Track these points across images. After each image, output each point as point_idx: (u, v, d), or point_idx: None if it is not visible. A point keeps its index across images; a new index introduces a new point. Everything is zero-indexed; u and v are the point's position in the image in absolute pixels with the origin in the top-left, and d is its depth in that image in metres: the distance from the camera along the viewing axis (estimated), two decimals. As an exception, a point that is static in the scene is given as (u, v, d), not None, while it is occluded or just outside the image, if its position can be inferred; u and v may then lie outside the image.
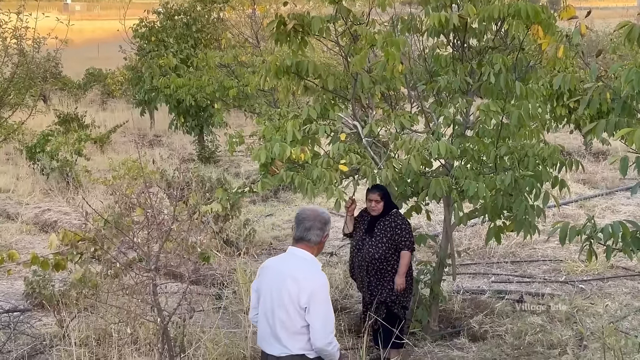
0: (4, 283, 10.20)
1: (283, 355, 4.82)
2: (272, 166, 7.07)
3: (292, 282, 4.77)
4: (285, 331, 4.79)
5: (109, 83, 31.12)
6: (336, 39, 7.61)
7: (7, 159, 19.82)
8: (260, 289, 4.98)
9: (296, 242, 5.01)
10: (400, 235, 7.33)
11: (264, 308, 4.91)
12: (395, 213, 7.48)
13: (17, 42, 11.66)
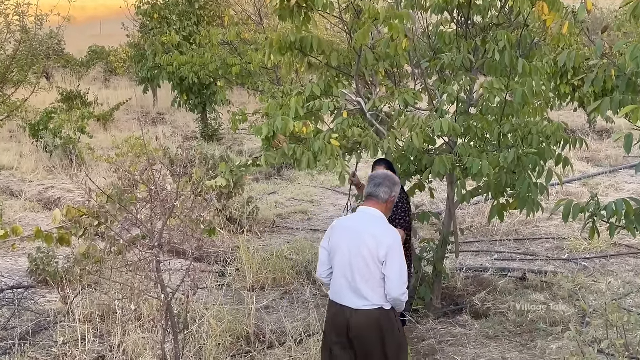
0: (7, 260, 10.24)
1: (363, 307, 5.08)
2: (275, 140, 7.05)
3: (370, 238, 5.07)
4: (365, 284, 5.06)
5: (112, 61, 31.13)
6: (340, 14, 7.55)
7: (10, 137, 19.84)
8: (335, 247, 5.22)
9: (367, 199, 5.30)
10: (395, 214, 7.15)
11: (340, 264, 5.16)
12: None
13: (20, 19, 11.61)
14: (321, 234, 11.32)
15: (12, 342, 7.13)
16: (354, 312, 5.11)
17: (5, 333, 7.56)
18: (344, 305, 5.15)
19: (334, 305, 5.24)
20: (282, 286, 9.01)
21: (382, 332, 5.12)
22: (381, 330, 5.12)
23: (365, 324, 5.10)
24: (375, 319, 5.10)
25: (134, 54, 22.10)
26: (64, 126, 16.74)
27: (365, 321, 5.10)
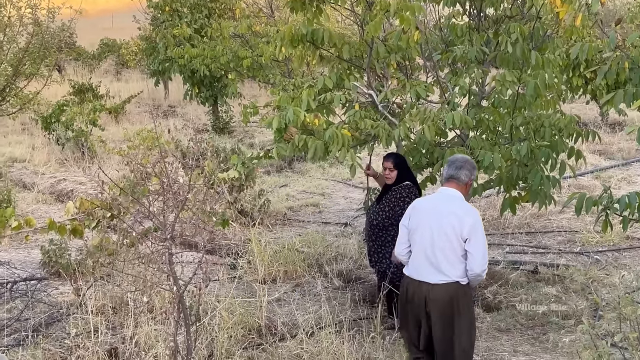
0: (20, 252, 10.29)
1: (441, 282, 5.38)
2: (287, 132, 7.06)
3: (454, 217, 5.37)
4: (446, 261, 5.37)
5: (123, 53, 31.20)
6: (351, 6, 7.54)
7: (22, 129, 19.91)
8: (416, 226, 5.52)
9: (447, 181, 5.59)
10: (401, 208, 7.11)
11: (421, 242, 5.46)
12: (406, 185, 7.33)
13: (32, 12, 11.64)
14: (332, 227, 11.34)
15: (25, 334, 7.17)
16: (432, 287, 5.40)
17: (19, 324, 7.60)
18: (422, 281, 5.44)
19: (412, 281, 5.52)
20: (294, 279, 9.02)
21: (458, 306, 5.41)
22: (458, 304, 5.41)
23: (443, 298, 5.38)
24: (452, 293, 5.39)
25: (145, 47, 22.10)
26: (76, 119, 16.79)
27: (443, 295, 5.38)
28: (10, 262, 9.56)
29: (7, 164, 16.21)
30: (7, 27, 11.50)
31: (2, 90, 11.55)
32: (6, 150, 17.36)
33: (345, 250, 9.81)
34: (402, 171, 7.35)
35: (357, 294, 8.28)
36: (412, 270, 5.57)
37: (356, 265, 9.38)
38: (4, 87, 11.52)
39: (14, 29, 11.76)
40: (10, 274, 9.07)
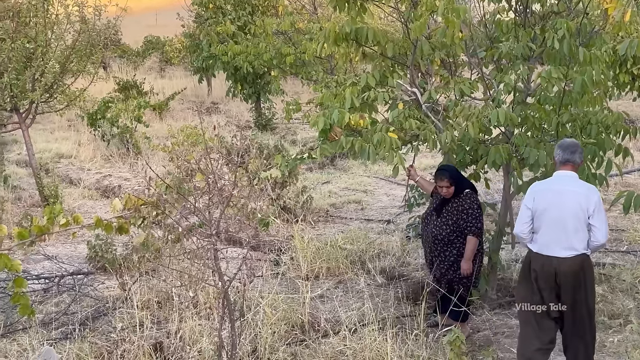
0: (67, 247, 10.45)
1: (570, 255, 5.88)
2: (331, 132, 7.07)
3: (580, 196, 5.86)
4: (575, 235, 5.86)
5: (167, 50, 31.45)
6: (396, 4, 7.51)
7: (69, 126, 20.22)
8: (543, 206, 5.96)
9: (562, 164, 6.04)
10: (466, 221, 7.11)
11: (550, 220, 5.92)
12: (466, 195, 7.20)
13: (79, 10, 11.78)
14: (375, 224, 11.33)
15: (72, 327, 7.30)
16: (562, 261, 5.89)
17: (66, 318, 7.73)
18: (551, 256, 5.93)
19: (541, 257, 5.99)
20: (336, 275, 9.03)
21: (585, 275, 5.97)
22: (584, 273, 5.96)
23: (572, 270, 5.90)
24: (580, 264, 5.91)
25: (189, 44, 22.27)
26: (121, 115, 17.00)
27: (572, 267, 5.89)
28: (58, 257, 9.74)
29: (54, 160, 16.48)
30: (55, 25, 11.64)
31: (50, 87, 11.69)
32: (53, 146, 17.65)
33: (388, 248, 9.80)
34: (458, 183, 7.25)
35: (400, 291, 8.28)
36: (540, 246, 6.00)
37: (399, 262, 9.37)
38: (52, 84, 11.66)
39: (62, 26, 11.91)
40: (58, 268, 9.23)
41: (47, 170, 14.66)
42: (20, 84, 11.33)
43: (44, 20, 11.39)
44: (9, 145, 17.62)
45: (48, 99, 12.02)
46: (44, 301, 8.27)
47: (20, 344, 6.96)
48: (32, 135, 12.66)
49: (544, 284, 5.99)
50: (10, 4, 11.38)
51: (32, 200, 12.75)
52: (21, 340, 7.02)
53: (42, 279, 8.82)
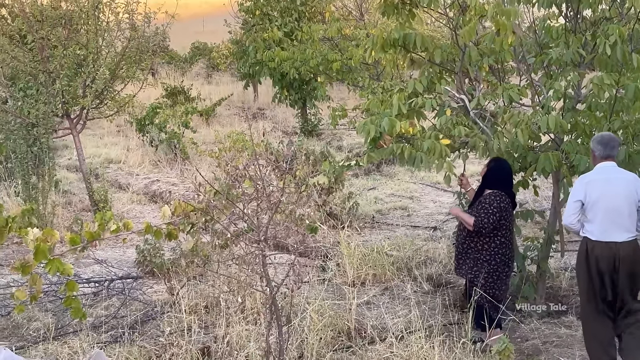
0: (116, 251, 10.60)
1: (627, 239, 6.27)
2: (381, 140, 7.06)
3: (627, 182, 6.29)
4: (629, 219, 6.26)
5: (214, 57, 31.71)
6: (444, 10, 7.48)
7: (118, 131, 20.51)
8: (597, 197, 6.28)
9: (604, 159, 6.38)
10: (478, 211, 7.02)
11: (606, 208, 6.26)
12: (492, 193, 7.11)
13: (129, 17, 11.95)
14: (422, 231, 11.29)
15: (121, 331, 7.38)
16: (620, 245, 6.24)
17: (115, 322, 7.83)
18: (609, 242, 6.26)
19: (599, 243, 6.31)
20: (383, 282, 9.02)
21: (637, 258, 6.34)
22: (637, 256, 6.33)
23: (630, 251, 6.27)
24: (634, 247, 6.31)
25: (235, 50, 22.43)
26: (169, 121, 17.20)
27: (629, 249, 6.27)
28: (107, 261, 9.88)
29: (104, 165, 16.72)
30: (105, 32, 11.82)
31: (100, 93, 11.87)
32: (102, 151, 17.92)
33: (434, 255, 9.76)
34: (490, 175, 7.20)
35: (447, 298, 8.23)
36: (599, 234, 6.31)
37: (446, 269, 9.32)
38: (102, 91, 11.84)
39: (112, 34, 12.09)
40: (108, 272, 9.36)
41: (97, 175, 14.88)
42: (72, 90, 11.52)
43: (95, 28, 11.58)
44: (59, 151, 17.92)
45: (98, 105, 12.21)
46: (94, 304, 8.39)
47: (71, 346, 7.07)
48: (82, 140, 12.85)
49: (605, 268, 6.28)
50: (63, 11, 11.58)
51: (82, 205, 12.95)
52: (72, 343, 7.14)
53: (92, 283, 8.97)
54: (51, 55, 11.41)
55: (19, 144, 11.44)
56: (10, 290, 8.43)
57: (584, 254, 6.43)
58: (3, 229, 5.36)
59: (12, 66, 11.52)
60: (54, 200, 12.23)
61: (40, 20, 11.38)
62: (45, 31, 11.32)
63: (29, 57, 11.37)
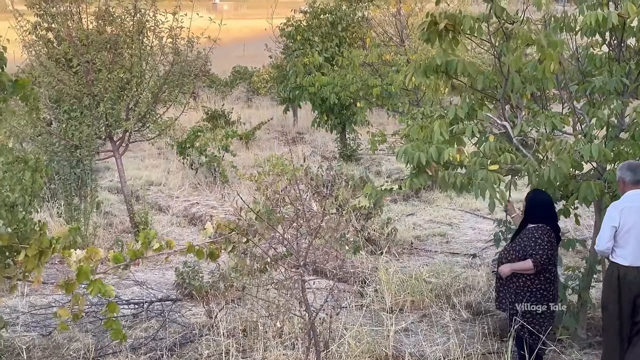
0: (155, 273, 10.67)
1: None
2: (427, 168, 7.05)
3: None
4: None
5: (255, 81, 31.90)
6: (489, 37, 7.47)
7: (159, 154, 20.70)
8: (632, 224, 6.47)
9: (634, 185, 6.58)
10: (532, 248, 6.89)
11: (636, 235, 6.47)
12: (539, 227, 7.01)
13: (173, 42, 12.11)
14: (460, 258, 11.21)
15: (160, 353, 7.44)
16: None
17: (154, 343, 7.88)
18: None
19: (631, 269, 6.50)
20: (421, 309, 8.96)
21: None
22: None
23: None
24: None
25: (276, 75, 22.57)
26: (209, 144, 17.31)
27: None
28: (147, 283, 9.95)
29: (145, 187, 16.88)
30: (149, 56, 11.99)
31: (143, 116, 12.03)
32: (143, 173, 18.09)
33: (473, 282, 9.68)
34: (532, 210, 7.12)
35: (486, 327, 8.15)
36: (631, 259, 6.50)
37: (485, 297, 9.24)
38: (145, 114, 12.00)
39: (156, 58, 12.26)
40: (147, 294, 9.43)
41: (138, 197, 15.03)
42: (115, 113, 11.68)
43: (139, 52, 11.74)
44: (101, 172, 18.13)
45: (141, 127, 12.36)
46: (133, 326, 8.45)
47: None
48: (124, 162, 12.99)
49: (631, 294, 6.47)
50: (108, 36, 11.77)
51: (123, 226, 13.08)
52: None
53: (131, 304, 9.03)
54: (96, 79, 11.59)
55: (63, 165, 11.61)
56: (52, 310, 8.53)
57: (616, 280, 6.55)
58: (47, 249, 5.45)
59: (57, 89, 11.71)
60: (95, 222, 12.38)
61: (86, 44, 11.56)
62: (90, 55, 11.51)
63: (74, 80, 11.55)
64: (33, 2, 11.75)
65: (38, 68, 11.88)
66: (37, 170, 5.74)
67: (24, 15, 11.79)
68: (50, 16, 11.75)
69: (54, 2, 11.61)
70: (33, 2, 11.75)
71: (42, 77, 11.69)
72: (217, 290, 8.92)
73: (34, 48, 11.85)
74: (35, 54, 11.88)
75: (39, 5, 11.74)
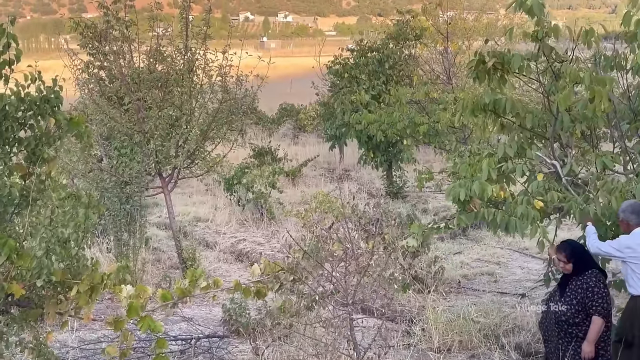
0: (203, 309, 10.71)
1: None
2: (470, 204, 7.02)
3: None
4: None
5: (301, 118, 32.15)
6: (537, 76, 7.44)
7: (206, 190, 20.89)
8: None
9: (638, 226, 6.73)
10: (591, 299, 6.73)
11: None
12: (591, 273, 6.86)
13: (222, 80, 12.29)
14: (509, 297, 11.06)
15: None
16: None
17: (201, 380, 7.90)
18: None
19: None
20: (469, 349, 8.85)
21: None
22: None
23: None
24: None
25: (323, 112, 22.72)
26: (256, 181, 17.43)
27: None
28: (194, 319, 9.99)
29: (192, 223, 17.02)
30: (199, 94, 12.17)
31: (192, 153, 12.18)
32: (191, 210, 18.26)
33: (522, 322, 9.53)
34: (579, 261, 6.93)
35: (536, 369, 8.01)
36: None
37: (534, 338, 9.07)
38: (194, 151, 12.15)
39: (205, 96, 12.44)
40: (194, 331, 9.46)
41: (186, 233, 15.15)
42: (165, 150, 11.84)
43: (189, 90, 11.92)
44: (149, 208, 18.34)
45: (190, 164, 12.50)
46: (180, 362, 8.48)
47: (157, 403, 7.13)
48: (172, 198, 13.14)
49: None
50: (159, 74, 11.98)
51: (171, 262, 13.19)
52: (158, 399, 7.20)
53: (179, 341, 9.07)
54: (146, 116, 11.78)
55: (113, 201, 11.78)
56: (101, 346, 8.61)
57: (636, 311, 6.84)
58: (98, 285, 5.51)
59: (109, 126, 11.92)
60: (144, 257, 12.49)
61: (137, 82, 11.79)
62: (141, 93, 11.72)
63: (125, 117, 11.76)
64: (86, 41, 12.03)
65: (90, 105, 12.13)
66: (90, 206, 5.83)
67: (77, 54, 12.08)
68: (103, 55, 12.01)
69: (106, 42, 11.88)
70: (86, 42, 12.04)
71: (94, 115, 11.92)
72: (264, 328, 8.91)
73: (86, 86, 12.12)
74: (88, 92, 12.14)
75: (92, 44, 12.02)
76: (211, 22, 12.39)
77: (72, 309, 5.60)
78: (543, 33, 7.12)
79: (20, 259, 5.20)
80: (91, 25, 12.12)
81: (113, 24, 11.75)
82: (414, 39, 19.47)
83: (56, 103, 5.88)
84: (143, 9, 12.61)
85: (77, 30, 12.15)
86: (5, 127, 5.70)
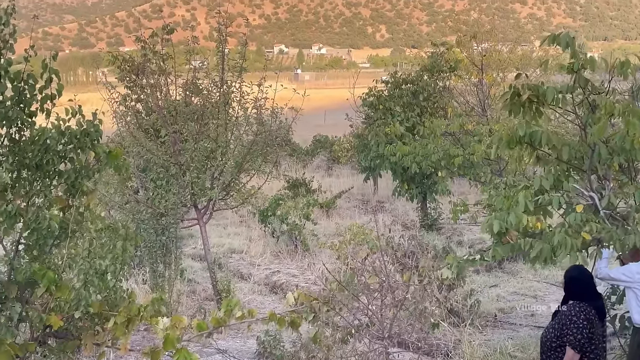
0: (237, 341, 10.71)
1: None
2: (507, 236, 6.97)
3: None
4: None
5: (335, 150, 32.25)
6: (573, 108, 7.40)
7: (240, 222, 20.99)
8: None
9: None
10: (568, 328, 6.69)
11: None
12: (575, 304, 6.81)
13: (257, 112, 12.39)
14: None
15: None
16: None
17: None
18: None
19: None
20: (506, 384, 8.74)
21: None
22: None
23: None
24: None
25: (357, 144, 22.76)
26: (290, 212, 17.49)
27: None
28: (229, 351, 9.98)
29: (227, 254, 17.09)
30: (234, 126, 12.28)
31: (227, 185, 12.27)
32: (226, 241, 18.34)
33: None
34: (569, 290, 6.97)
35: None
36: None
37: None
38: (229, 183, 12.24)
39: (240, 128, 12.54)
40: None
41: (220, 265, 15.20)
42: (200, 182, 11.93)
43: (224, 122, 12.02)
44: (185, 240, 18.45)
45: (225, 196, 12.57)
46: (215, 394, 8.47)
47: None
48: (207, 230, 13.21)
49: None
50: (195, 107, 12.11)
51: (206, 294, 13.22)
52: None
53: (214, 372, 9.08)
54: (182, 149, 11.90)
55: (149, 233, 11.87)
56: (136, 377, 8.64)
57: None
58: (135, 317, 5.55)
59: (145, 158, 12.06)
60: (179, 289, 12.55)
61: (174, 115, 11.92)
62: (178, 125, 11.85)
63: (161, 150, 11.89)
64: (124, 74, 12.22)
65: (127, 138, 12.28)
66: (127, 239, 5.89)
67: (115, 87, 12.27)
68: (140, 88, 12.18)
69: (143, 75, 12.04)
70: (124, 75, 12.22)
71: (131, 147, 12.06)
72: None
73: (124, 118, 12.28)
74: (125, 124, 12.30)
75: (129, 77, 12.20)
76: (246, 55, 12.51)
77: (109, 340, 5.63)
78: (579, 65, 7.09)
79: (59, 290, 5.27)
80: (128, 58, 12.32)
81: (150, 57, 11.92)
82: (449, 71, 19.47)
83: (96, 136, 5.97)
84: (179, 42, 12.78)
85: (114, 64, 12.36)
86: (47, 160, 5.80)
